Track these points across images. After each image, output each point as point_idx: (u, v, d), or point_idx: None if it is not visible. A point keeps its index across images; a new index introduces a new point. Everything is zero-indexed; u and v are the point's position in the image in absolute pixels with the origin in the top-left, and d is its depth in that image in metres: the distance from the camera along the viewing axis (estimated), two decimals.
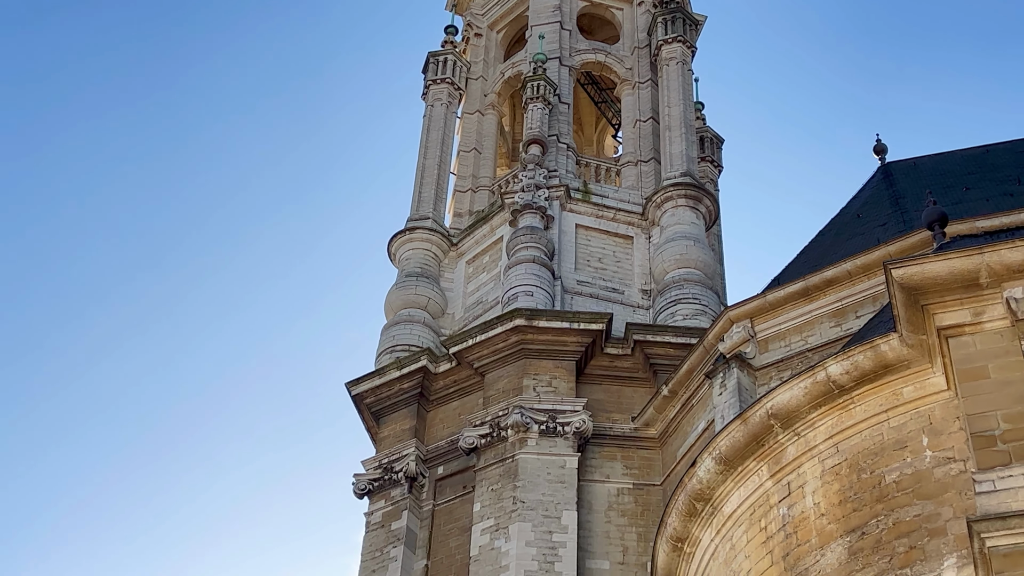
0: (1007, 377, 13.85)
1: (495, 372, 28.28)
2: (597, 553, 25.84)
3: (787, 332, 22.79)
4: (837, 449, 15.67)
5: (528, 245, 29.97)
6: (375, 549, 27.79)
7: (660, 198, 31.67)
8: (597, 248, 32.07)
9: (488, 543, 25.74)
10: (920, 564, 14.00)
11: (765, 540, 16.16)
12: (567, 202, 32.16)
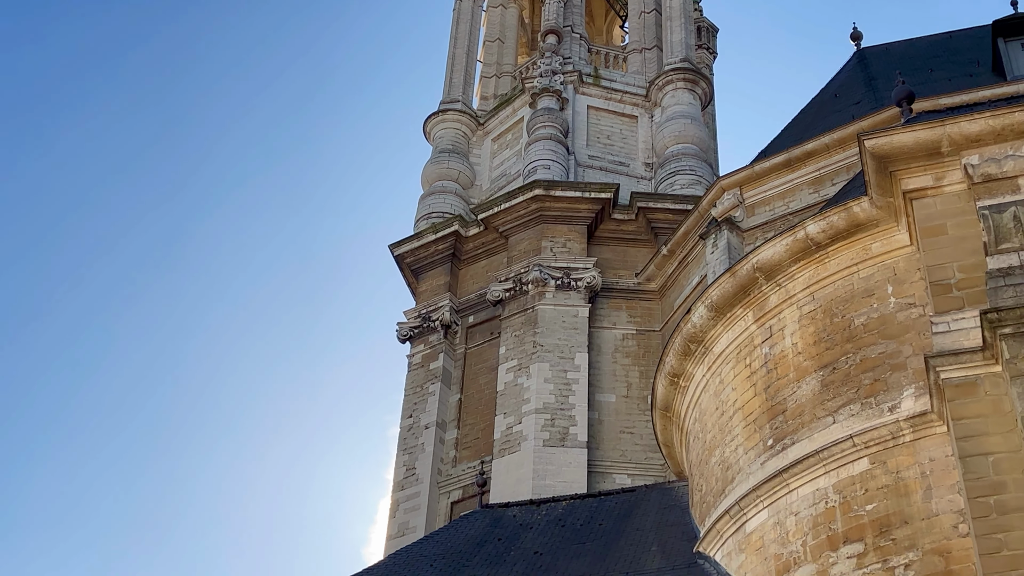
0: (963, 233, 13.90)
1: (517, 235, 28.73)
2: (605, 388, 26.36)
3: (771, 198, 23.05)
4: (813, 297, 15.80)
5: (545, 124, 30.19)
6: (416, 386, 28.42)
7: (661, 81, 31.73)
8: (606, 127, 32.17)
9: (512, 380, 26.27)
10: (883, 394, 14.21)
11: (749, 375, 16.40)
12: (580, 86, 32.28)
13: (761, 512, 15.16)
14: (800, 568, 14.12)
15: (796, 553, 14.26)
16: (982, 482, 12.15)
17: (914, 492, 13.40)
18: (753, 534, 15.23)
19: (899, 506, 13.42)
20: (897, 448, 13.78)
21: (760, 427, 15.72)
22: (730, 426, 16.53)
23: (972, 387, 12.78)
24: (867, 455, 13.97)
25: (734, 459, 16.17)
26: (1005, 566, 11.58)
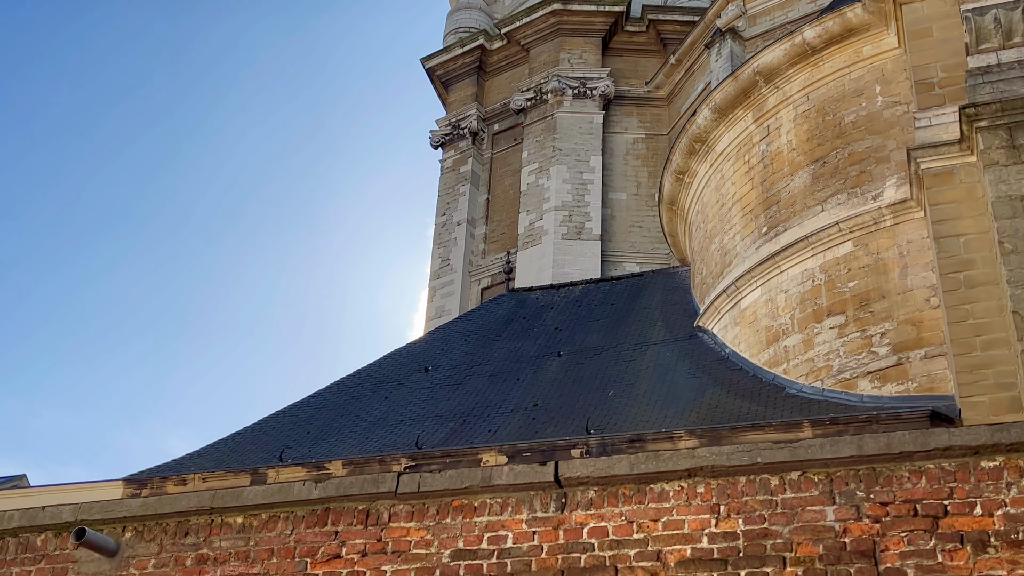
0: (947, 35, 13.52)
1: (537, 48, 28.25)
2: (617, 187, 26.37)
3: (772, 8, 22.46)
4: (808, 98, 15.55)
5: None
6: (448, 187, 28.52)
7: None
8: None
9: (534, 181, 26.33)
10: (867, 184, 14.15)
11: (747, 171, 16.32)
12: None
13: (755, 291, 15.34)
14: (788, 337, 14.38)
15: (785, 325, 14.50)
16: (953, 260, 12.21)
17: (892, 270, 13.50)
18: (747, 310, 15.46)
19: (878, 283, 13.55)
20: (878, 232, 13.81)
21: (756, 216, 15.75)
22: (729, 216, 16.56)
23: (949, 176, 12.68)
24: (851, 239, 14.01)
25: (731, 245, 16.27)
26: (970, 332, 11.74)
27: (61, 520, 7.42)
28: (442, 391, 17.38)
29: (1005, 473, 5.87)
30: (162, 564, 7.11)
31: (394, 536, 6.77)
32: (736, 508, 6.24)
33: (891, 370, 13.00)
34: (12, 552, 7.51)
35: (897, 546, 5.82)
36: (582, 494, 6.61)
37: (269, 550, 6.94)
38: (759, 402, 13.45)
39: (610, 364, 16.56)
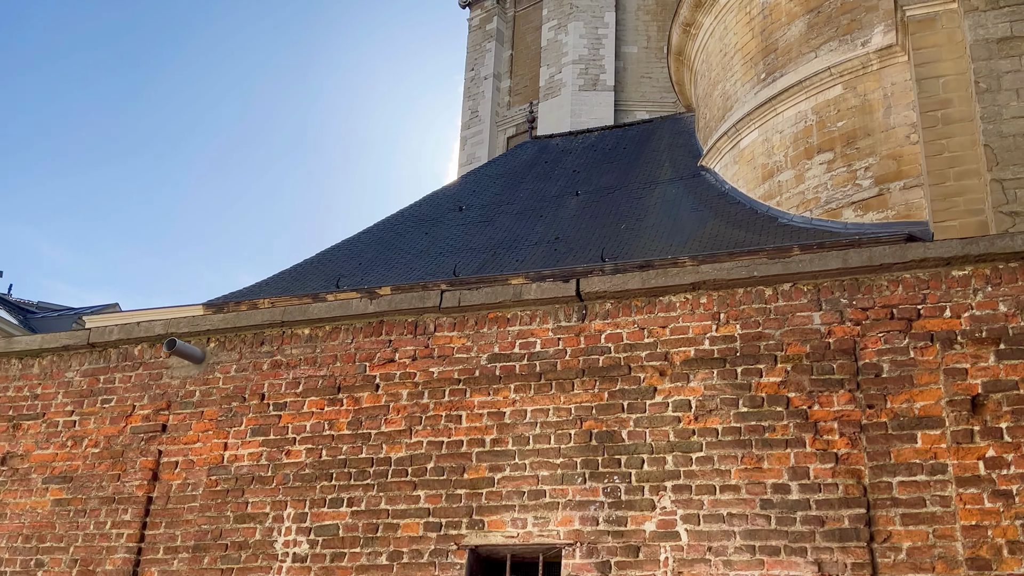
0: None
1: None
2: (629, 41, 25.66)
3: None
4: None
5: None
6: (476, 44, 27.87)
7: None
8: None
9: (553, 37, 25.68)
10: (857, 32, 13.71)
11: (748, 21, 15.81)
12: None
13: (752, 132, 15.10)
14: (781, 173, 14.24)
15: (779, 162, 14.33)
16: (932, 99, 11.93)
17: (877, 110, 13.22)
18: (745, 149, 15.25)
19: (864, 122, 13.30)
20: (866, 76, 13.47)
21: (755, 64, 15.34)
22: (731, 65, 16.13)
23: (931, 22, 12.25)
24: (841, 82, 13.69)
25: (732, 91, 15.92)
26: (945, 164, 11.58)
27: (154, 333, 7.64)
28: (474, 227, 17.46)
29: (972, 281, 5.89)
30: (242, 369, 7.35)
31: (439, 343, 6.95)
32: (734, 315, 6.33)
33: (873, 200, 12.91)
34: (114, 361, 7.78)
35: (875, 344, 5.92)
36: (600, 306, 6.72)
37: (333, 356, 7.15)
38: (754, 231, 13.45)
39: (622, 201, 16.52)
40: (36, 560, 7.21)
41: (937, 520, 5.46)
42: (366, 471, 6.72)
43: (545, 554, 6.28)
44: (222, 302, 15.36)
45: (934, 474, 5.56)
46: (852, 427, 5.80)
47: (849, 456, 5.75)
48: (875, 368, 5.92)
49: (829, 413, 5.88)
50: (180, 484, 7.12)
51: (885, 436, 5.72)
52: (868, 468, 5.68)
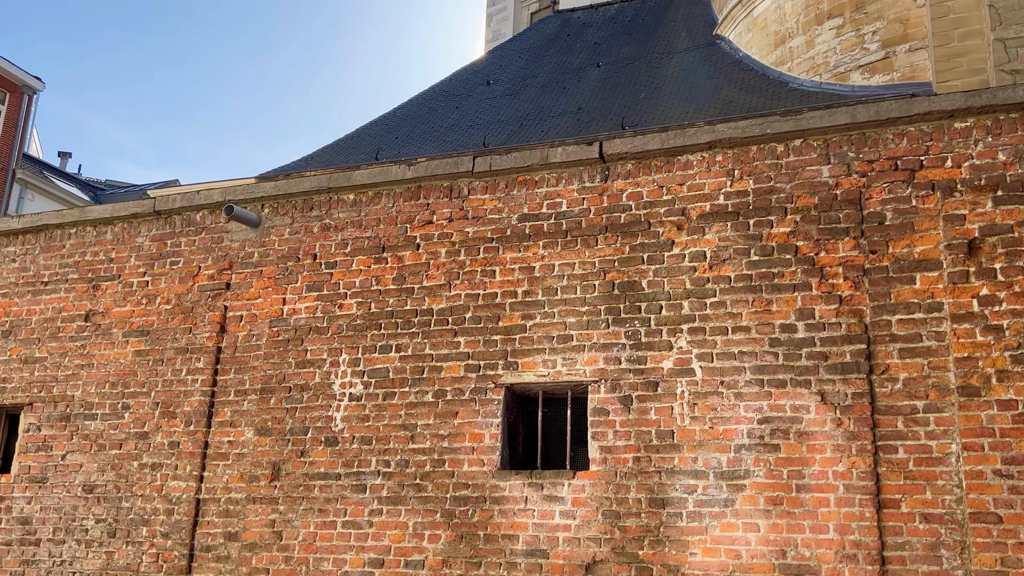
0: None
1: None
2: None
3: None
4: None
5: None
6: None
7: None
8: None
9: None
10: None
11: None
12: None
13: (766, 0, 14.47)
14: (793, 40, 13.71)
15: (790, 29, 13.78)
16: None
17: None
18: (759, 17, 14.66)
19: None
20: None
21: None
22: None
23: None
24: None
25: None
26: (950, 26, 11.08)
27: (213, 200, 7.66)
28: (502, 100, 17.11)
29: (974, 132, 5.71)
30: (295, 232, 7.40)
31: (473, 205, 6.92)
32: (748, 171, 6.22)
33: (879, 63, 12.44)
34: (179, 227, 7.85)
35: (879, 195, 5.81)
36: (622, 167, 6.62)
37: (377, 219, 7.15)
38: (766, 96, 13.07)
39: (641, 71, 16.05)
40: (123, 403, 7.49)
41: (932, 353, 5.48)
42: (411, 321, 6.83)
43: (573, 390, 6.42)
44: (272, 174, 15.35)
45: (931, 312, 5.54)
46: (856, 271, 5.76)
47: (852, 298, 5.73)
48: (879, 216, 5.83)
49: (834, 259, 5.83)
50: (245, 335, 7.29)
51: (886, 279, 5.69)
52: (869, 308, 5.67)
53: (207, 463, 7.05)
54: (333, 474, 6.65)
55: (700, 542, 5.64)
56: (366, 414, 6.70)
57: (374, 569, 6.32)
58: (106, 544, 7.13)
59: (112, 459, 7.34)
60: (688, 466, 5.80)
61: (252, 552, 6.68)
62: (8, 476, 7.68)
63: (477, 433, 6.39)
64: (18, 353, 8.01)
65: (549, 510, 6.04)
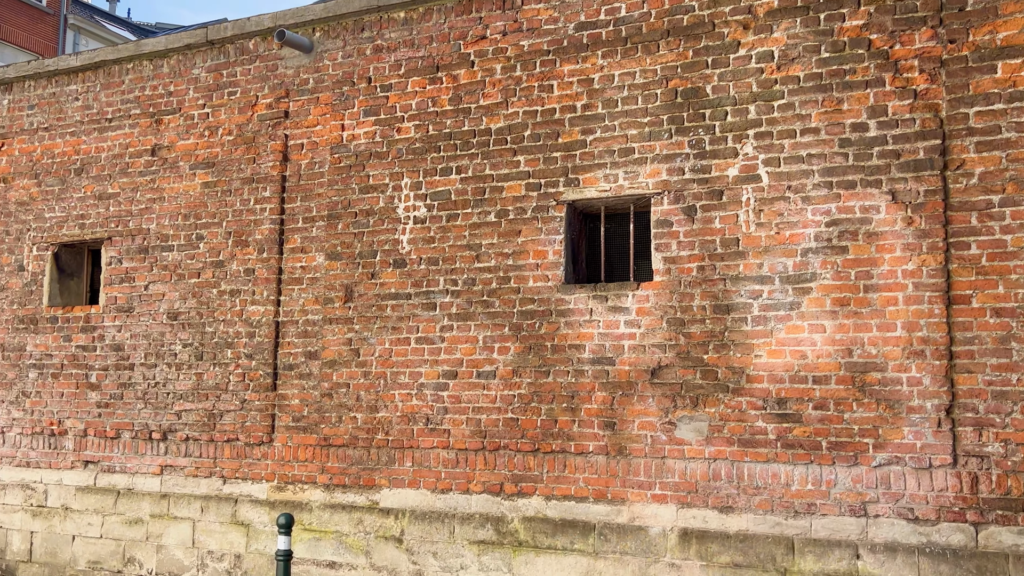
0: None
1: None
2: None
3: None
4: None
5: None
6: None
7: None
8: None
9: None
10: None
11: None
12: None
13: None
14: None
15: None
16: None
17: None
18: None
19: None
20: None
21: None
22: None
23: None
24: None
25: None
26: None
27: (264, 26, 7.54)
28: None
29: None
30: (348, 55, 7.28)
31: (527, 16, 6.68)
32: None
33: None
34: (233, 56, 7.79)
35: None
36: None
37: (429, 36, 6.97)
38: None
39: None
40: (197, 234, 7.72)
41: (1011, 145, 5.26)
42: (469, 142, 6.78)
43: (635, 204, 6.39)
44: None
45: (1011, 102, 5.28)
46: (932, 63, 5.48)
47: (928, 91, 5.48)
48: (959, 2, 5.47)
49: (910, 51, 5.54)
50: (308, 163, 7.35)
51: (965, 69, 5.41)
52: (946, 101, 5.43)
53: (282, 288, 7.32)
54: (404, 294, 6.85)
55: (765, 345, 5.72)
56: (431, 236, 6.80)
57: (448, 380, 6.61)
58: (195, 366, 7.56)
59: (192, 287, 7.66)
60: (753, 272, 5.81)
61: (332, 368, 7.03)
62: (98, 307, 8.10)
63: (540, 250, 6.46)
64: (92, 190, 8.25)
65: (614, 320, 6.16)
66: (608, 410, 6.09)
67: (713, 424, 5.79)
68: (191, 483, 7.45)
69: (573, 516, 6.10)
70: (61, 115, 8.51)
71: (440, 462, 6.56)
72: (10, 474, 8.30)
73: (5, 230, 8.69)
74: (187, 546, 7.37)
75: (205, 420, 7.45)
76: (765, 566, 5.55)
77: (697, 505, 5.77)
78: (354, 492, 6.82)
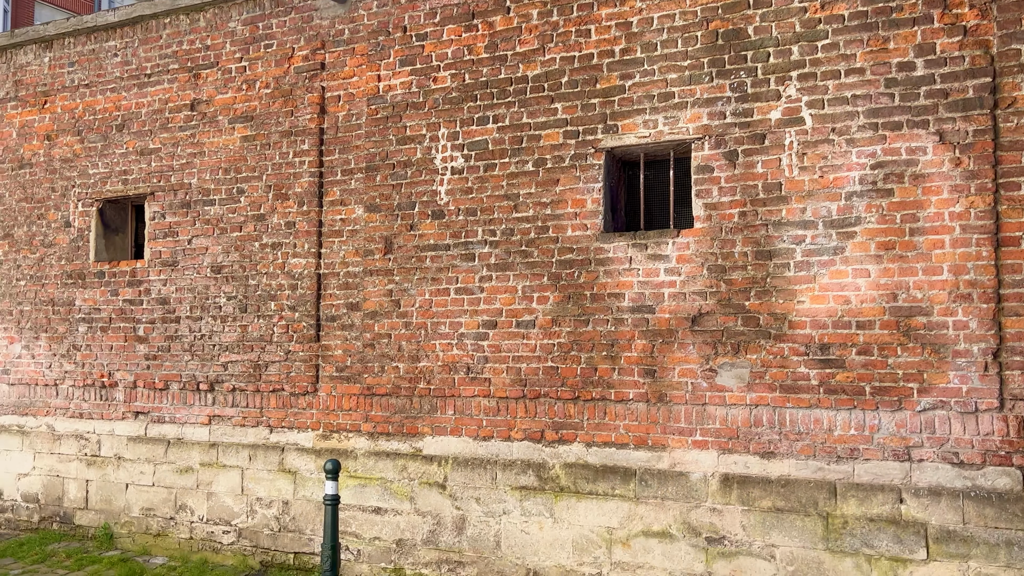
0: None
1: None
2: None
3: None
4: None
5: None
6: None
7: None
8: None
9: None
10: None
11: None
12: None
13: None
14: None
15: None
16: None
17: None
18: None
19: None
20: None
21: None
22: None
23: None
24: None
25: None
26: None
27: None
28: None
29: None
30: (383, 4, 7.21)
31: None
32: None
33: None
34: (268, 8, 7.77)
35: None
36: None
37: None
38: None
39: None
40: (237, 188, 7.80)
41: None
42: (506, 90, 6.74)
43: (675, 150, 6.32)
44: None
45: None
46: None
47: (978, 28, 5.32)
48: None
49: None
50: (345, 115, 7.36)
51: (1017, 4, 5.23)
52: (997, 38, 5.27)
53: (323, 240, 7.38)
54: (442, 245, 6.87)
55: (808, 290, 5.68)
56: (469, 187, 6.80)
57: (488, 330, 6.66)
58: (239, 318, 7.69)
59: (234, 241, 7.76)
60: (796, 217, 5.74)
61: (374, 319, 7.11)
62: (143, 261, 8.24)
63: (579, 199, 6.43)
64: (134, 146, 8.35)
65: (654, 268, 6.14)
66: (648, 358, 6.10)
67: (755, 371, 5.78)
68: (239, 432, 7.63)
69: (614, 462, 6.15)
70: (101, 71, 8.59)
71: (481, 410, 6.64)
72: (65, 425, 8.56)
73: (51, 187, 8.84)
74: (236, 493, 7.58)
75: (251, 371, 7.59)
76: (807, 511, 5.58)
77: (738, 451, 5.79)
78: (397, 440, 6.94)
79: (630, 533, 6.05)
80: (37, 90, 8.99)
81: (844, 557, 5.45)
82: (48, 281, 8.76)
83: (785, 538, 5.61)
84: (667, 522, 5.94)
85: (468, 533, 6.57)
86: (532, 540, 6.35)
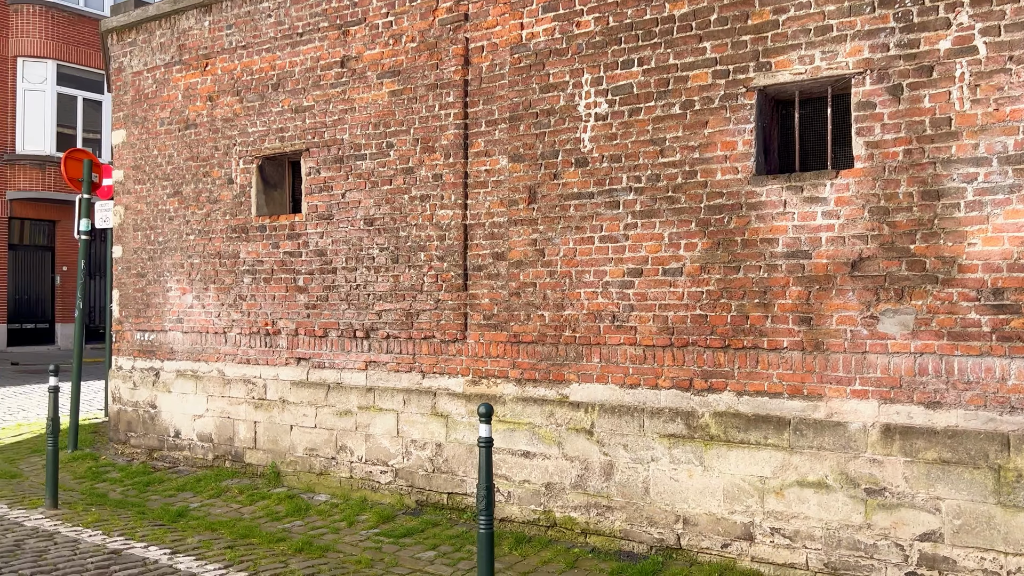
0: None
1: None
2: None
3: None
4: None
5: None
6: None
7: None
8: None
9: None
10: None
11: None
12: None
13: None
14: None
15: None
16: None
17: None
18: None
19: None
20: None
21: None
22: None
23: None
24: None
25: None
26: None
27: None
28: None
29: None
30: None
31: None
32: None
33: None
34: None
35: None
36: None
37: None
38: None
39: None
40: (386, 142, 8.01)
41: None
42: (652, 31, 6.58)
43: (834, 86, 6.01)
44: None
45: None
46: None
47: None
48: None
49: None
50: (488, 66, 7.40)
51: None
52: None
53: (469, 192, 7.50)
54: (586, 193, 6.85)
55: (980, 232, 5.32)
56: (613, 132, 6.72)
57: (633, 278, 6.61)
58: (391, 269, 7.96)
59: (385, 194, 8.00)
60: (967, 154, 5.37)
61: (519, 269, 7.19)
62: (300, 215, 8.63)
63: (729, 141, 6.24)
64: (289, 104, 8.70)
65: (810, 211, 5.91)
66: (804, 305, 5.91)
67: (920, 317, 5.50)
68: (393, 377, 7.95)
69: (766, 411, 6.03)
70: (256, 32, 8.96)
71: (627, 358, 6.63)
72: (234, 370, 9.16)
73: (214, 145, 9.36)
74: (392, 435, 7.92)
75: (403, 319, 7.86)
76: (976, 463, 5.30)
77: (901, 400, 5.55)
78: (544, 386, 7.04)
79: (784, 483, 5.94)
80: (199, 53, 9.49)
81: (1017, 512, 5.16)
82: (215, 235, 9.32)
83: (952, 491, 5.37)
84: (823, 472, 5.79)
85: (616, 479, 6.63)
86: (681, 487, 6.34)
